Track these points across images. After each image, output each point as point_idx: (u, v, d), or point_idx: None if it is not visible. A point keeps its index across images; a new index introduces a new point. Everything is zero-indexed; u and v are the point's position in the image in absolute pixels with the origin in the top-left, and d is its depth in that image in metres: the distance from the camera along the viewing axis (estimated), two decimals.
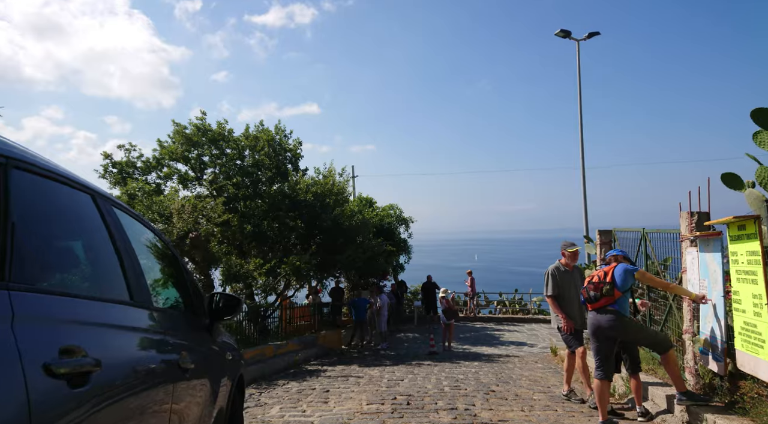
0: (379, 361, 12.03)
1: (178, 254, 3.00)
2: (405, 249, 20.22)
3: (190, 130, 13.65)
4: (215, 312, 3.05)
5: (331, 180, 14.50)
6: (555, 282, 6.61)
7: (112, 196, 2.25)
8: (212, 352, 2.98)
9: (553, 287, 6.62)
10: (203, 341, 2.89)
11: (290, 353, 11.46)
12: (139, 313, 2.03)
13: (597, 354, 5.42)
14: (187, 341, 2.53)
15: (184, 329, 2.62)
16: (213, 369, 2.93)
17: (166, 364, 2.05)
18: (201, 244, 10.78)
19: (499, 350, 14.45)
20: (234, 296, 3.11)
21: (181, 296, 2.89)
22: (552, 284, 6.63)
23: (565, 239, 7.32)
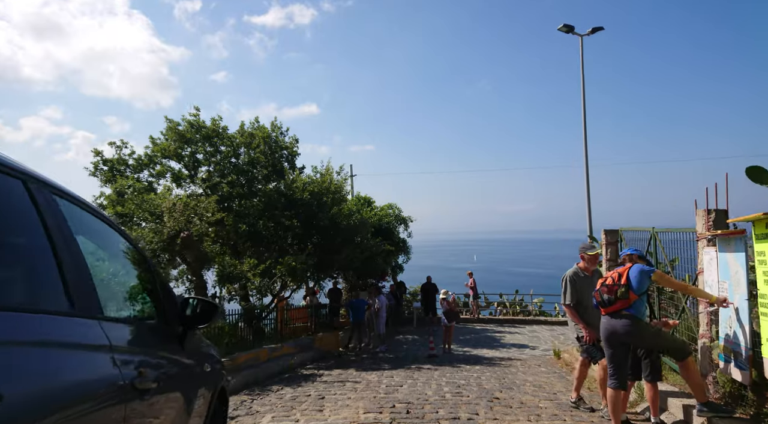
0: (377, 364, 11.66)
1: (148, 254, 2.62)
2: (404, 249, 19.83)
3: (183, 127, 13.28)
4: (188, 320, 2.68)
5: (328, 178, 14.14)
6: (574, 289, 6.08)
7: (56, 182, 1.87)
8: (184, 365, 2.61)
9: (571, 295, 6.09)
10: (174, 354, 2.53)
11: (285, 357, 11.09)
12: (78, 326, 1.66)
13: (610, 362, 5.06)
14: (151, 356, 2.17)
15: (147, 341, 2.26)
16: (185, 383, 2.57)
17: (112, 387, 1.68)
18: (193, 244, 10.40)
19: (501, 353, 14.09)
20: (210, 302, 2.75)
21: (148, 304, 2.53)
22: (570, 292, 6.10)
23: (584, 241, 6.91)
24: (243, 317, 13.87)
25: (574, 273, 6.22)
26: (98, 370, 1.66)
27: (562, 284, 6.24)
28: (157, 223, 10.49)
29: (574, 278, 6.17)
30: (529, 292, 23.12)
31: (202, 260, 10.79)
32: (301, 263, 11.49)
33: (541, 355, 13.88)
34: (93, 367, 1.65)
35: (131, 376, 1.83)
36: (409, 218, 20.00)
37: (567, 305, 6.13)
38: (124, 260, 2.47)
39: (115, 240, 2.39)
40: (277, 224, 12.95)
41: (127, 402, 1.76)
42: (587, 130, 14.13)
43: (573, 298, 6.05)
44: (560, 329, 18.96)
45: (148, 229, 10.63)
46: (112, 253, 2.37)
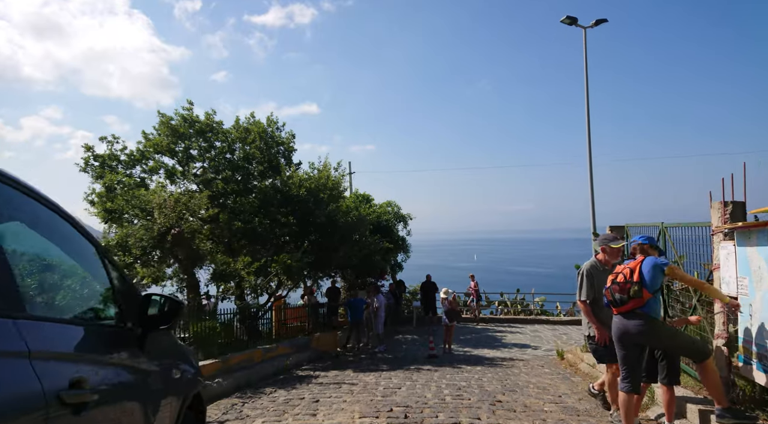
0: (375, 365, 11.32)
1: (102, 247, 2.27)
2: (403, 247, 19.47)
3: (176, 121, 12.93)
4: (149, 320, 2.33)
5: (325, 175, 13.80)
6: (590, 284, 5.52)
7: None
8: (143, 372, 2.26)
9: (587, 291, 5.51)
10: (130, 359, 2.18)
11: (280, 358, 10.75)
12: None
13: (623, 363, 4.70)
14: (94, 363, 1.83)
15: (91, 346, 1.91)
16: (143, 393, 2.22)
17: (25, 403, 1.34)
18: (184, 241, 10.07)
19: (502, 353, 13.75)
20: (175, 299, 2.40)
21: (100, 302, 2.18)
22: (587, 287, 5.51)
23: (605, 232, 6.45)
24: (238, 317, 13.56)
25: (591, 266, 5.64)
26: (3, 381, 1.31)
27: (578, 278, 5.73)
28: (147, 219, 10.15)
29: (591, 271, 5.59)
30: (531, 291, 22.78)
31: (194, 258, 10.46)
32: (297, 261, 11.15)
33: (544, 355, 13.54)
34: None
35: (58, 388, 1.49)
36: (409, 215, 19.66)
37: (582, 301, 5.60)
38: (70, 251, 2.12)
39: (60, 228, 2.05)
40: (273, 221, 12.61)
41: (49, 420, 1.42)
42: (590, 125, 13.81)
43: (590, 294, 5.52)
44: (562, 328, 18.64)
45: (139, 226, 10.29)
46: (55, 242, 2.02)
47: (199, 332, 8.83)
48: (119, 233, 10.46)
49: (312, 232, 13.20)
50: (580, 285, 5.67)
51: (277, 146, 14.38)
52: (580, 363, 10.77)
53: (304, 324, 15.28)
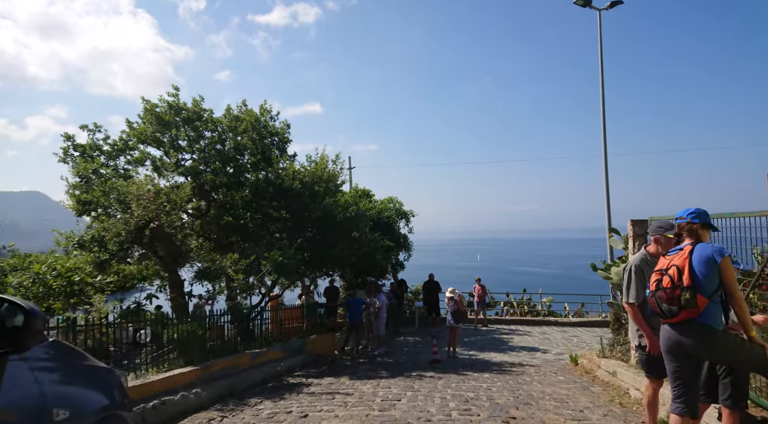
0: (374, 371, 10.45)
1: None
2: (405, 245, 18.56)
3: (161, 109, 12.06)
4: None
5: (322, 167, 12.92)
6: (641, 283, 4.58)
7: None
8: None
9: (637, 291, 4.60)
10: None
11: (271, 363, 9.88)
12: None
13: (676, 379, 3.80)
14: None
15: None
16: None
17: None
18: (164, 235, 9.21)
19: (510, 357, 12.87)
20: (23, 307, 1.54)
21: None
22: (636, 286, 4.60)
23: (659, 219, 5.44)
24: (229, 318, 12.72)
25: (641, 261, 4.68)
26: None
27: (625, 275, 4.78)
28: (126, 212, 9.31)
29: (641, 267, 4.65)
30: (538, 291, 21.89)
31: (175, 254, 9.61)
32: (289, 258, 10.29)
33: (555, 359, 12.67)
34: None
35: None
36: (411, 212, 18.74)
37: (630, 304, 4.64)
38: None
39: None
40: (265, 216, 11.76)
41: None
42: (605, 116, 12.85)
43: (640, 294, 4.58)
44: (572, 330, 17.73)
45: (118, 219, 9.43)
46: None
47: (177, 336, 7.97)
48: (98, 227, 9.62)
49: (307, 228, 12.34)
50: (627, 284, 4.71)
51: (271, 137, 13.51)
52: (597, 370, 9.89)
53: (301, 325, 14.43)
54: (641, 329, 4.64)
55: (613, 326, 11.80)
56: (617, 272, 10.87)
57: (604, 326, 18.08)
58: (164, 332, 8.13)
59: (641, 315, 4.62)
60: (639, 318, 4.62)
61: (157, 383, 6.84)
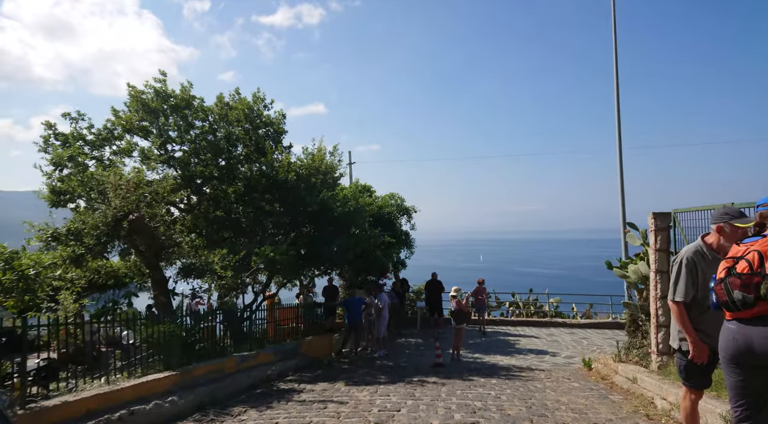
0: (372, 376, 9.71)
1: None
2: (407, 242, 17.78)
3: (147, 96, 11.32)
4: None
5: (319, 158, 12.18)
6: (693, 278, 3.84)
7: None
8: None
9: (687, 287, 3.85)
10: None
11: (261, 367, 9.15)
12: None
13: (739, 396, 3.05)
14: None
15: None
16: None
17: None
18: (144, 228, 8.50)
19: (518, 361, 12.13)
20: None
21: None
22: (687, 282, 3.85)
23: (727, 205, 4.63)
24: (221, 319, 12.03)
25: (696, 252, 3.90)
26: None
27: (674, 268, 4.01)
28: (103, 203, 8.61)
29: (695, 260, 3.85)
30: (545, 291, 21.11)
31: (156, 249, 8.89)
32: (282, 254, 9.55)
33: (565, 363, 11.92)
34: None
35: None
36: (413, 208, 17.97)
37: (677, 302, 3.88)
38: None
39: None
40: (258, 210, 11.04)
41: None
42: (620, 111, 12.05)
43: (690, 291, 3.85)
44: (581, 332, 16.95)
45: (98, 210, 8.71)
46: None
47: (154, 338, 7.24)
48: (75, 219, 8.90)
49: (303, 222, 11.61)
50: (675, 279, 3.94)
51: (265, 127, 12.79)
52: (614, 376, 9.13)
53: (297, 326, 13.69)
54: (685, 332, 3.89)
55: (629, 328, 11.03)
56: (635, 270, 10.12)
57: (615, 327, 17.32)
58: (139, 334, 7.40)
59: (687, 316, 3.87)
60: (684, 319, 3.86)
61: (128, 390, 6.12)
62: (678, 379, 6.94)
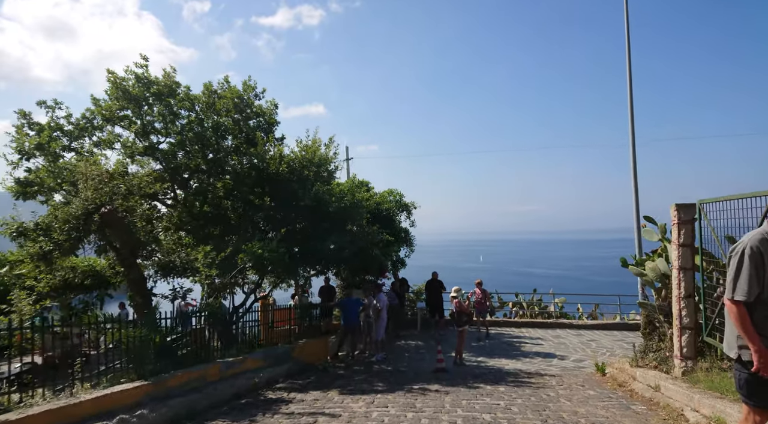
0: (369, 383, 8.96)
1: None
2: (406, 240, 17.01)
3: (128, 83, 10.53)
4: None
5: (313, 150, 11.42)
6: (757, 273, 3.15)
7: None
8: None
9: (750, 283, 3.15)
10: None
11: (248, 374, 8.40)
12: None
13: None
14: None
15: None
16: None
17: None
18: (118, 222, 7.75)
19: (524, 365, 11.39)
20: None
21: None
22: (750, 277, 3.15)
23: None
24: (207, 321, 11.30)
25: (762, 240, 3.18)
26: None
27: (734, 260, 3.25)
28: (74, 195, 7.86)
29: (760, 250, 3.16)
30: (549, 291, 20.36)
31: (132, 245, 8.14)
32: (271, 251, 8.80)
33: (575, 367, 11.18)
34: None
35: None
36: (413, 204, 17.17)
37: (738, 301, 3.18)
38: None
39: None
40: (247, 204, 10.29)
41: None
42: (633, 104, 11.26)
43: (754, 289, 3.16)
44: (588, 333, 16.19)
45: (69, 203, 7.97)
46: None
47: (125, 344, 6.50)
48: (49, 213, 8.16)
49: (296, 218, 10.86)
50: (736, 273, 3.18)
51: (256, 117, 12.04)
52: (632, 382, 8.39)
53: (289, 329, 12.94)
54: (747, 338, 3.14)
55: (645, 329, 10.30)
56: (653, 268, 9.38)
57: (624, 329, 16.58)
58: (105, 338, 6.66)
59: (750, 319, 3.13)
60: (747, 323, 3.12)
61: (88, 404, 5.37)
62: (713, 388, 6.24)
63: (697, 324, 7.62)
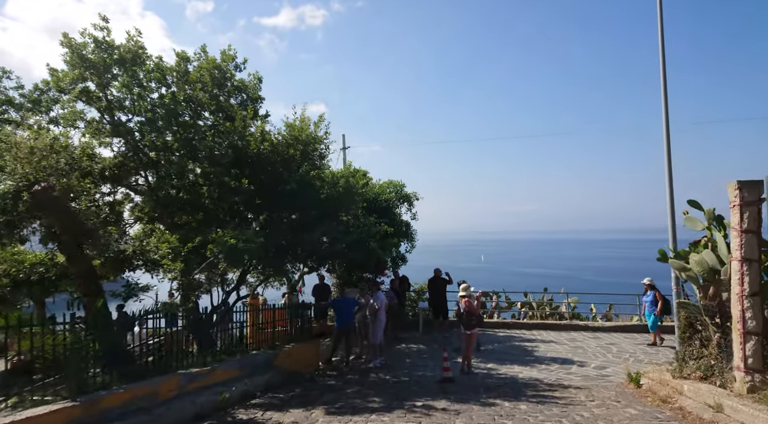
0: (363, 396, 7.54)
1: None
2: (407, 234, 15.52)
3: (87, 50, 9.08)
4: None
5: (300, 128, 9.99)
6: None
7: None
8: None
9: None
10: None
11: (217, 387, 6.96)
12: None
13: None
14: None
15: None
16: None
17: None
18: (54, 203, 6.35)
19: (540, 373, 10.00)
20: None
21: None
22: None
23: None
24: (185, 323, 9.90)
25: None
26: None
27: None
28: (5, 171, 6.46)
29: None
30: (561, 290, 18.94)
31: (75, 232, 6.74)
32: (246, 241, 7.38)
33: (598, 376, 9.79)
34: None
35: None
36: (414, 194, 15.68)
37: None
38: None
39: None
40: (222, 187, 8.86)
41: None
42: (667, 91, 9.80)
43: None
44: (606, 336, 14.72)
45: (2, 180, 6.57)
46: None
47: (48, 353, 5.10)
48: None
49: (279, 204, 9.42)
50: None
51: (238, 93, 10.61)
52: (678, 397, 6.97)
53: (279, 330, 11.49)
54: None
55: (684, 333, 8.86)
56: (699, 261, 7.95)
57: (644, 331, 15.05)
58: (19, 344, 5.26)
59: None
60: None
61: None
62: None
63: (766, 328, 6.24)
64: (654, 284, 13.27)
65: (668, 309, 13.02)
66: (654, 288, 13.17)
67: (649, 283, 13.26)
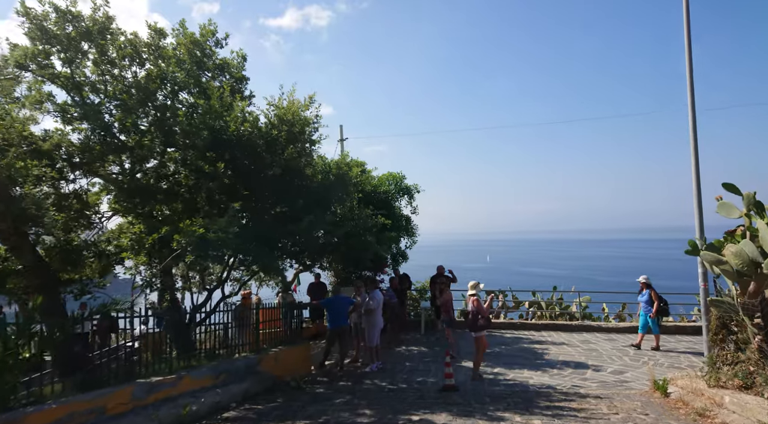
0: (353, 409, 6.58)
1: None
2: (407, 229, 14.54)
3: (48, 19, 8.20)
4: None
5: (287, 109, 9.04)
6: None
7: None
8: None
9: None
10: None
11: (182, 398, 6.02)
12: None
13: None
14: None
15: None
16: None
17: None
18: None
19: (553, 378, 9.05)
20: None
21: None
22: None
23: None
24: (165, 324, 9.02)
25: None
26: None
27: None
28: None
29: None
30: (571, 288, 17.94)
31: (22, 219, 5.82)
32: (219, 232, 6.44)
33: (616, 382, 8.84)
34: None
35: None
36: (415, 187, 14.71)
37: None
38: None
39: None
40: (197, 172, 7.94)
41: None
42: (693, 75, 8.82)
43: None
44: (621, 338, 13.69)
45: None
46: None
47: None
48: None
49: (263, 191, 8.48)
50: None
51: (219, 72, 9.69)
52: (718, 411, 5.98)
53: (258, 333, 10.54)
54: None
55: (715, 335, 7.88)
56: (737, 253, 6.97)
57: (662, 332, 14.08)
58: None
59: None
60: None
61: None
62: None
63: None
64: (650, 282, 12.32)
65: (665, 310, 12.17)
66: (650, 287, 12.21)
67: (645, 281, 12.31)
